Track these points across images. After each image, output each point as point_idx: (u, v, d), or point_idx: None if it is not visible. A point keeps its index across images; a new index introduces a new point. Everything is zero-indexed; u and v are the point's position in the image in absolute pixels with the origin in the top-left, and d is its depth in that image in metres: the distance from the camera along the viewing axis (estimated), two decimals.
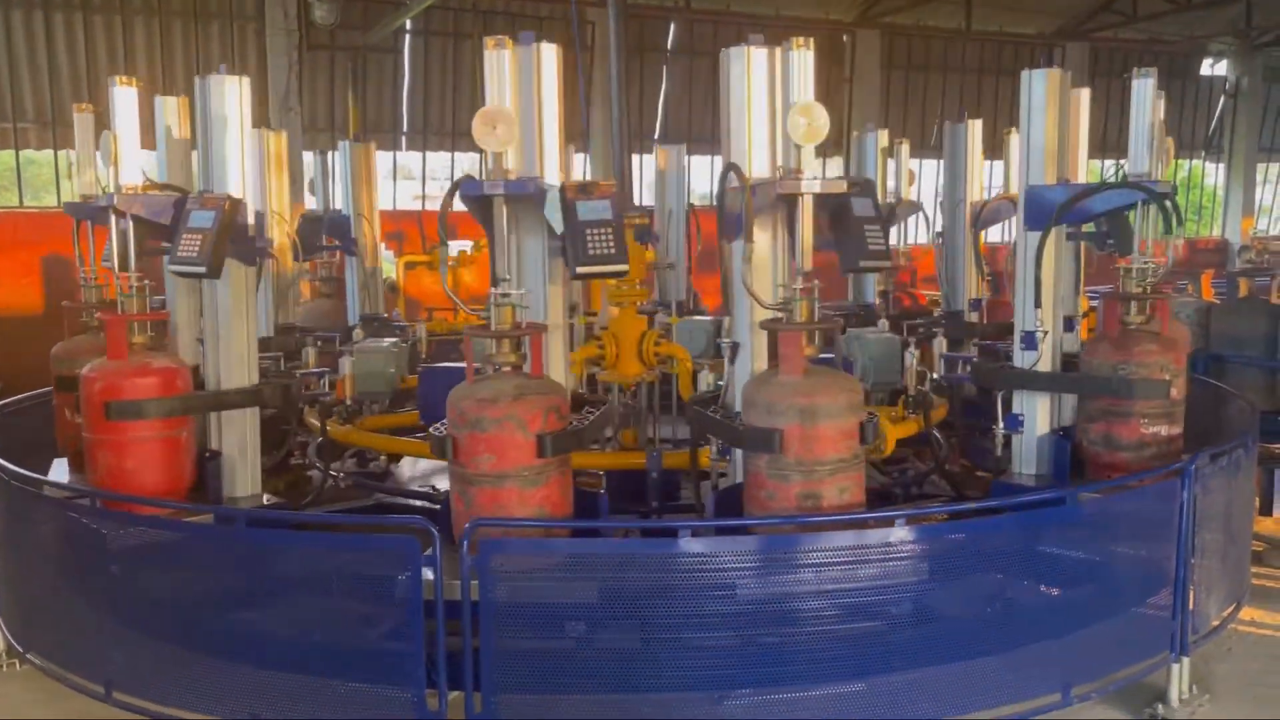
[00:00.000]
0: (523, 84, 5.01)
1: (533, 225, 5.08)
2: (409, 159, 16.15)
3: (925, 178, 19.23)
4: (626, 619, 4.07)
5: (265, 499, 5.60)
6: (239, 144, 5.48)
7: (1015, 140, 7.18)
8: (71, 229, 6.31)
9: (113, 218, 5.32)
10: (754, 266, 4.91)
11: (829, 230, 4.88)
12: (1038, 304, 5.63)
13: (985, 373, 6.03)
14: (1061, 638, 4.55)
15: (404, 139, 15.66)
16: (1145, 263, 5.45)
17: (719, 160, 5.39)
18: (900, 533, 4.23)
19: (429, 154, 16.11)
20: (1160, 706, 4.76)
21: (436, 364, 7.50)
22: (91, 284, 6.22)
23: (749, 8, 17.21)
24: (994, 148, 10.37)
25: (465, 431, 4.40)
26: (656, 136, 17.20)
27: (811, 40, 4.80)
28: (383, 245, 10.94)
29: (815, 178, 4.75)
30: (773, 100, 5.04)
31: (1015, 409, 5.78)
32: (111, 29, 13.52)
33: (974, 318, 7.91)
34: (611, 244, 4.66)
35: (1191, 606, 4.80)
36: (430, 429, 5.00)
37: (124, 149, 5.40)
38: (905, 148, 9.44)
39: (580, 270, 4.72)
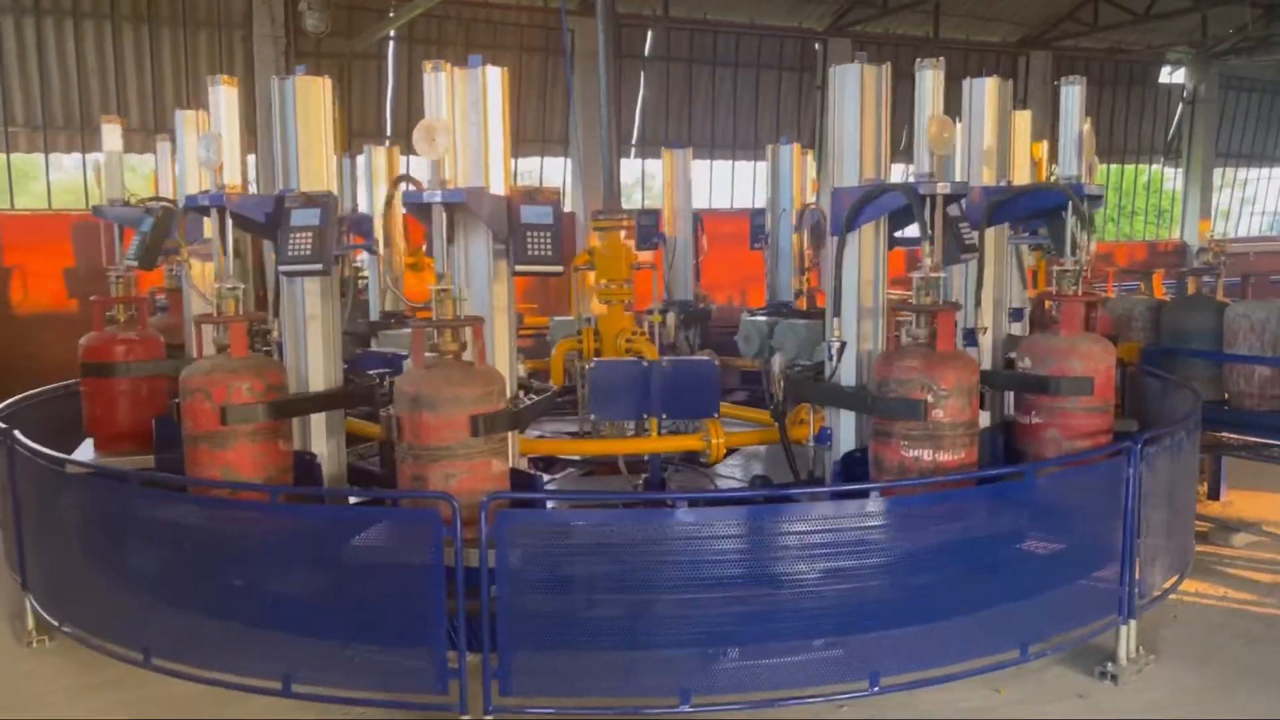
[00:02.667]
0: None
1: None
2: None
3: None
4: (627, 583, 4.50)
5: None
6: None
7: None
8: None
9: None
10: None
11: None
12: (836, 312, 5.64)
13: (792, 383, 6.01)
14: (1020, 601, 5.02)
15: (388, 143, 15.97)
16: (925, 275, 5.26)
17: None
18: (878, 504, 4.70)
19: (413, 158, 16.46)
20: (1110, 664, 5.21)
21: None
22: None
23: (726, 15, 17.67)
24: None
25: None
26: (634, 141, 17.63)
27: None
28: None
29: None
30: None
31: (827, 423, 5.88)
32: (101, 36, 13.75)
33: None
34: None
35: (1137, 575, 5.28)
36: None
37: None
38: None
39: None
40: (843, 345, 5.58)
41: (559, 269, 5.33)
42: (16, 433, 5.69)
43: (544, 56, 16.67)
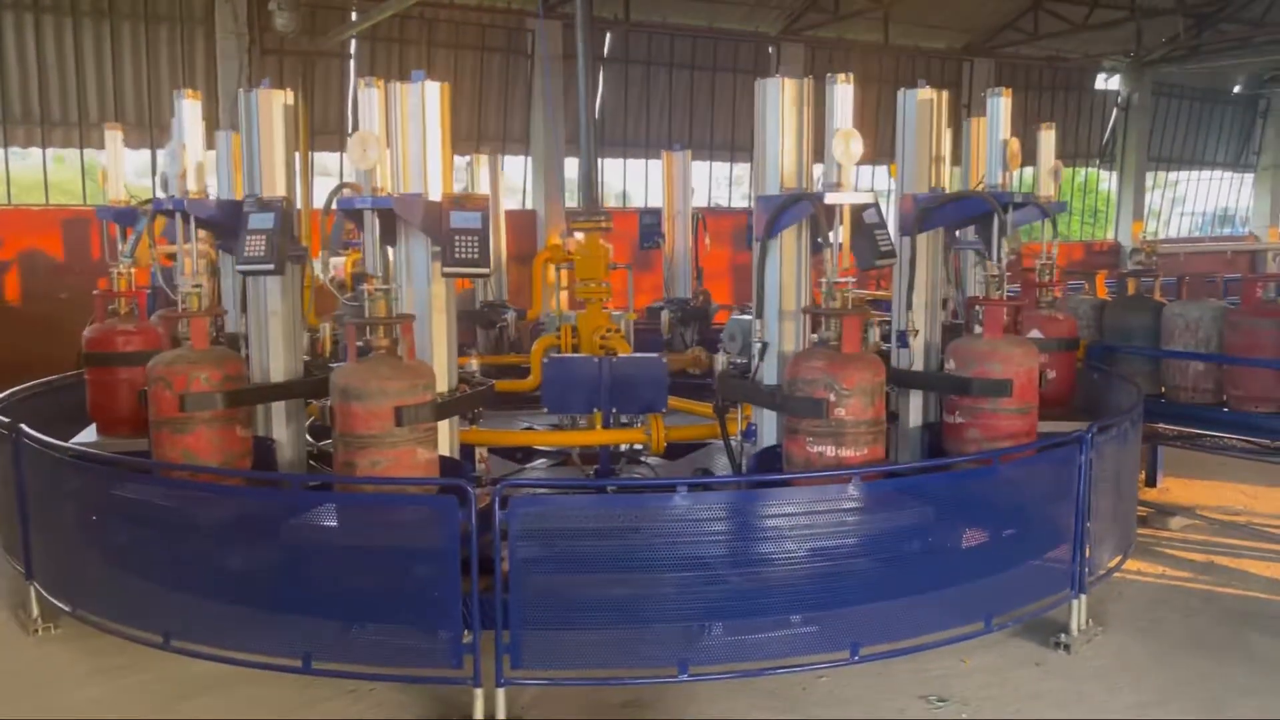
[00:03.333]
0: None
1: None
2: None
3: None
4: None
5: None
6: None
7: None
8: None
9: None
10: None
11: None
12: (759, 314, 5.93)
13: (722, 381, 6.31)
14: (985, 578, 5.47)
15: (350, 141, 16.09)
16: (833, 282, 5.52)
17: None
18: (856, 487, 5.11)
19: None
20: (1064, 635, 5.67)
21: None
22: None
23: (683, 19, 18.02)
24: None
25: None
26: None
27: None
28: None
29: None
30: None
31: (753, 419, 6.26)
32: (61, 31, 13.68)
33: None
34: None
35: (1088, 554, 5.75)
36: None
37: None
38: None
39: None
40: (764, 346, 5.92)
41: (487, 271, 5.70)
42: (23, 425, 5.85)
43: (505, 56, 16.89)
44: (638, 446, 7.69)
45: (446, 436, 5.97)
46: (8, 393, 6.97)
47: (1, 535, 6.57)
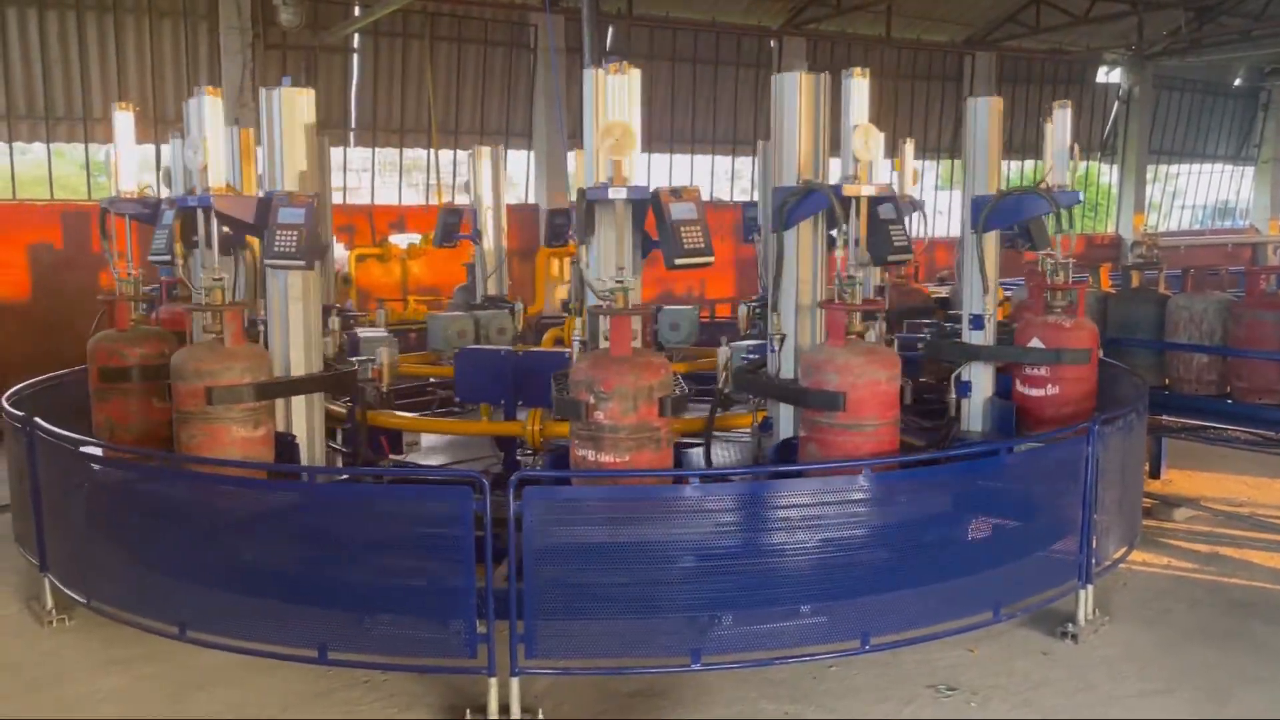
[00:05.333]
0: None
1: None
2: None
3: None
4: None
5: None
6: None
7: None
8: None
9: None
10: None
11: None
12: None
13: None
14: (993, 569, 5.52)
15: (353, 135, 16.10)
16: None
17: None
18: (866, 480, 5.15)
19: (377, 149, 16.58)
20: (1070, 625, 5.73)
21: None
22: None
23: (686, 14, 18.02)
24: (925, 148, 11.43)
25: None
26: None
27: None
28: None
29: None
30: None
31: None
32: (65, 25, 13.68)
33: None
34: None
35: (1094, 545, 5.79)
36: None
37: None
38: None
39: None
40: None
41: (301, 263, 5.92)
42: (38, 419, 5.89)
43: (507, 50, 16.88)
44: None
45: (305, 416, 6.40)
46: (19, 386, 6.99)
47: (15, 528, 6.62)
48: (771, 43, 19.07)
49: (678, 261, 5.49)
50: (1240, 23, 20.49)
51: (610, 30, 17.71)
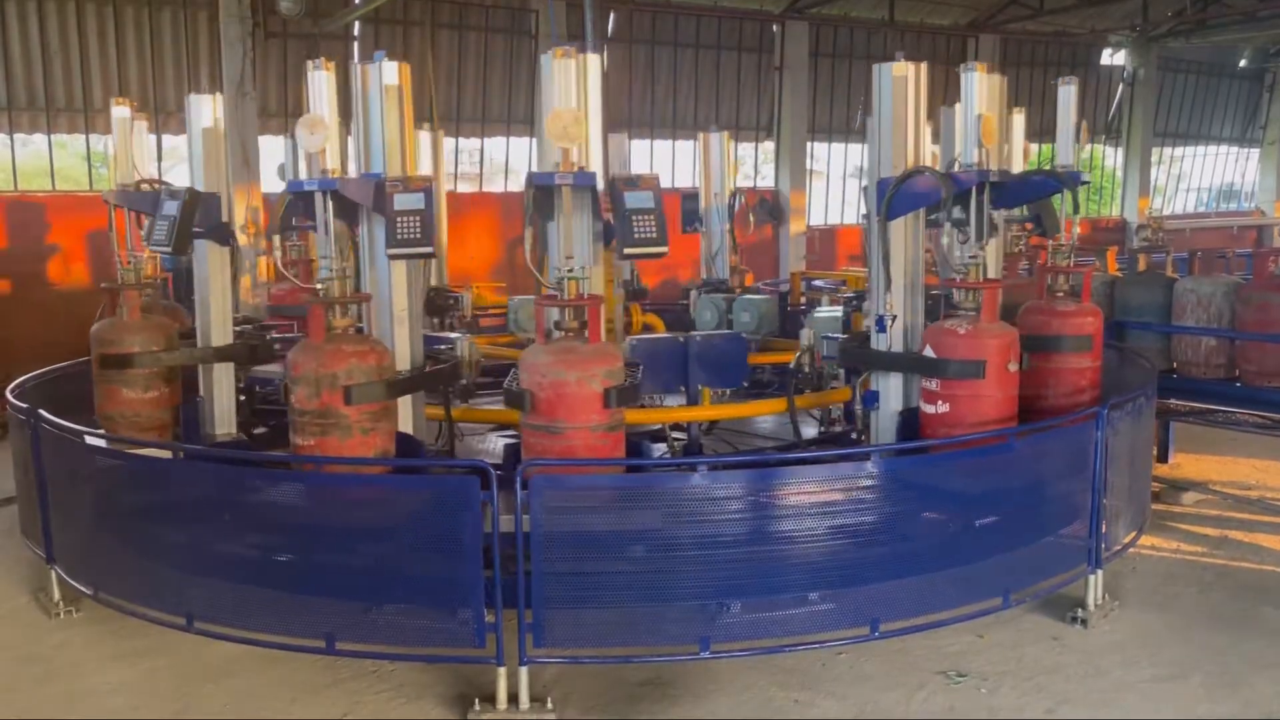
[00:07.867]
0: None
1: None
2: None
3: (846, 160, 20.36)
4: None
5: None
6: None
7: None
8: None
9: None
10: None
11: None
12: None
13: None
14: (1002, 555, 5.50)
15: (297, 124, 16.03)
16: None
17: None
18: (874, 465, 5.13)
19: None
20: (1080, 610, 5.71)
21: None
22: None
23: None
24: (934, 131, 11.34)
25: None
26: None
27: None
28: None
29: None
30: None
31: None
32: (64, 15, 13.63)
33: None
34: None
35: (1104, 529, 5.77)
36: None
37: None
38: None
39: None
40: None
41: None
42: (42, 411, 5.88)
43: (508, 37, 16.79)
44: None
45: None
46: (23, 378, 6.97)
47: (21, 520, 6.61)
48: (774, 27, 18.97)
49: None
50: (1246, 3, 20.35)
51: (612, 15, 17.62)
